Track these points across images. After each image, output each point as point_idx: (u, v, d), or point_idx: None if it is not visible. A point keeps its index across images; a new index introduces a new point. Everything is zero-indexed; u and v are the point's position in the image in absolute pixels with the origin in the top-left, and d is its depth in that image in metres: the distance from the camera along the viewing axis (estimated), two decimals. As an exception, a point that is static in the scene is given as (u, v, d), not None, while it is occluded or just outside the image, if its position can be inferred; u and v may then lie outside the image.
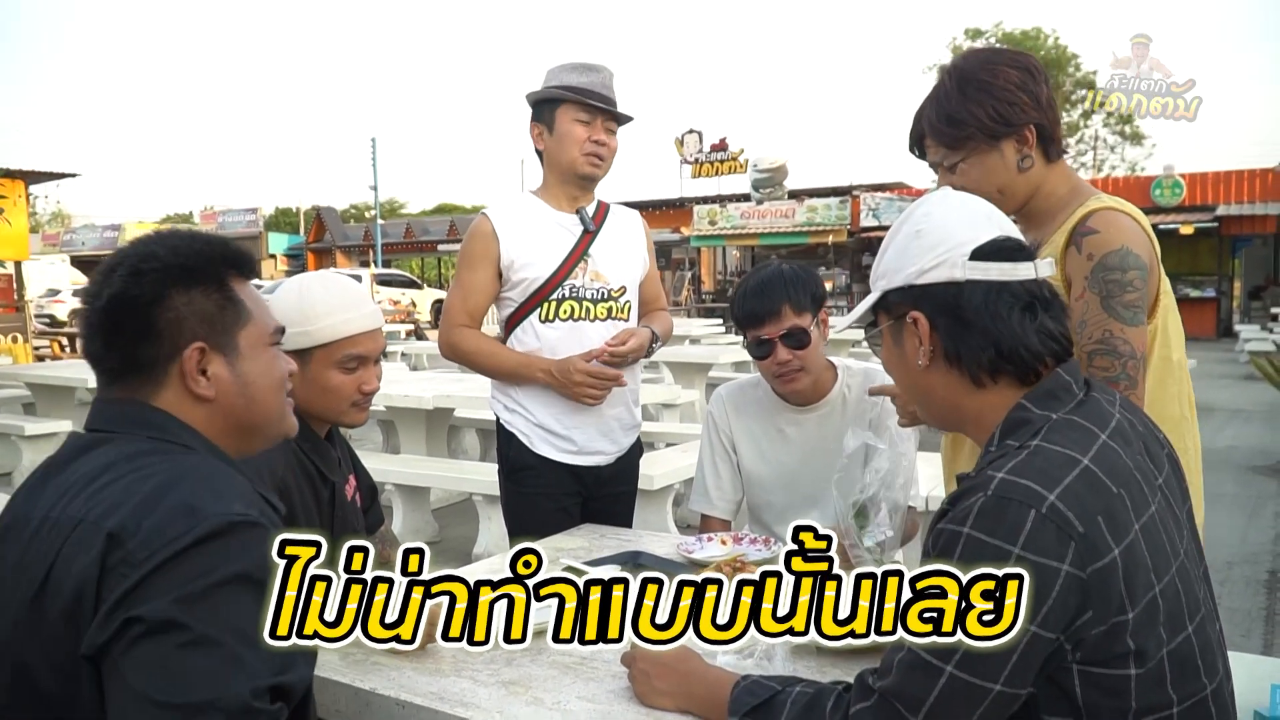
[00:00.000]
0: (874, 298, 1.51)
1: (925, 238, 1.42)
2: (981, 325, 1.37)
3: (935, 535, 1.28)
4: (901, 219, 1.51)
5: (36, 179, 17.74)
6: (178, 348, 1.35)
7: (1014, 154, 1.92)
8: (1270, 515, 6.64)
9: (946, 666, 1.22)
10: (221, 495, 1.23)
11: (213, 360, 1.37)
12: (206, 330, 1.37)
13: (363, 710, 1.68)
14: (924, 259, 1.41)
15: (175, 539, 1.15)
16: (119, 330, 1.34)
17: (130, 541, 1.16)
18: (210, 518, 1.18)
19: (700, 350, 11.02)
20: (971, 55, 2.00)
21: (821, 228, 29.01)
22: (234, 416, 1.41)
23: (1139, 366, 1.79)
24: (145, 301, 1.33)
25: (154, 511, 1.18)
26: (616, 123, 2.88)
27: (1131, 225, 1.85)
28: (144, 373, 1.35)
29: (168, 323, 1.34)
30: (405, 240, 41.30)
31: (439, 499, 7.05)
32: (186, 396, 1.37)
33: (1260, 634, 4.54)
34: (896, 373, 1.54)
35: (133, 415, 1.35)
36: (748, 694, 1.42)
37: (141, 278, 1.34)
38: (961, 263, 1.39)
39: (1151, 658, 1.23)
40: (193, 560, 1.15)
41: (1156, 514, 1.31)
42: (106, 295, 1.33)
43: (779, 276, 2.54)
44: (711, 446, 2.75)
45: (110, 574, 1.15)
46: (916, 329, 1.42)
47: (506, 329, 2.92)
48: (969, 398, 1.42)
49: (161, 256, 1.36)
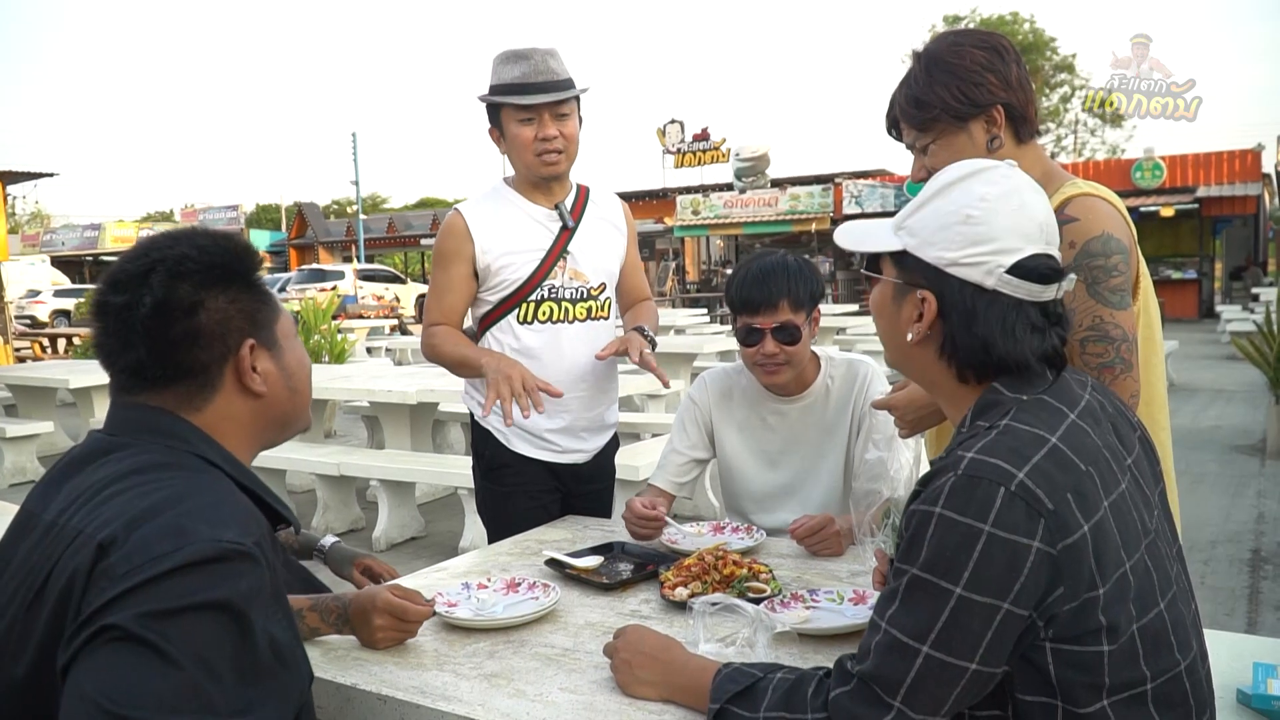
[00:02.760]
0: (894, 246, 1.42)
1: (972, 228, 1.34)
2: (989, 337, 1.34)
3: (909, 517, 1.29)
4: (955, 176, 1.40)
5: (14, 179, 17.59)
6: (229, 348, 1.34)
7: (983, 135, 1.91)
8: (1253, 494, 6.69)
9: (922, 647, 1.23)
10: (218, 521, 1.19)
11: (260, 356, 1.38)
12: (252, 327, 1.37)
13: (344, 706, 1.67)
14: (962, 251, 1.35)
15: (159, 558, 1.12)
16: (166, 337, 1.30)
17: (115, 554, 1.14)
18: (198, 542, 1.14)
19: (685, 340, 11.04)
20: (939, 37, 1.99)
21: (805, 216, 29.04)
22: (279, 409, 1.42)
23: (1132, 349, 1.80)
24: (192, 304, 1.31)
25: (144, 528, 1.15)
26: (567, 104, 2.71)
27: (1109, 209, 1.85)
28: (192, 378, 1.33)
29: (216, 324, 1.33)
30: (388, 235, 41.15)
31: (424, 494, 7.05)
32: (238, 395, 1.36)
33: (1244, 612, 4.57)
34: (882, 324, 1.49)
35: (153, 424, 1.32)
36: (729, 681, 1.42)
37: (183, 280, 1.31)
38: (997, 274, 1.33)
39: (1123, 633, 1.24)
40: (173, 582, 1.11)
41: (1126, 492, 1.32)
42: (150, 302, 1.29)
43: (783, 268, 2.51)
44: (682, 426, 2.74)
45: (92, 585, 1.13)
46: (923, 308, 1.39)
47: (481, 328, 2.85)
48: (945, 380, 1.42)
49: (197, 258, 1.33)
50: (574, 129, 2.75)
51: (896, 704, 1.25)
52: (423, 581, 2.23)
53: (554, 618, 1.96)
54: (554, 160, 2.72)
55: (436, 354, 2.81)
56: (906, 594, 1.26)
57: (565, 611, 1.99)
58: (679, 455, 2.72)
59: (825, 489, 2.62)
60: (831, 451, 2.62)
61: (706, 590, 1.99)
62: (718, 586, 2.01)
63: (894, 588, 1.28)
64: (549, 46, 2.72)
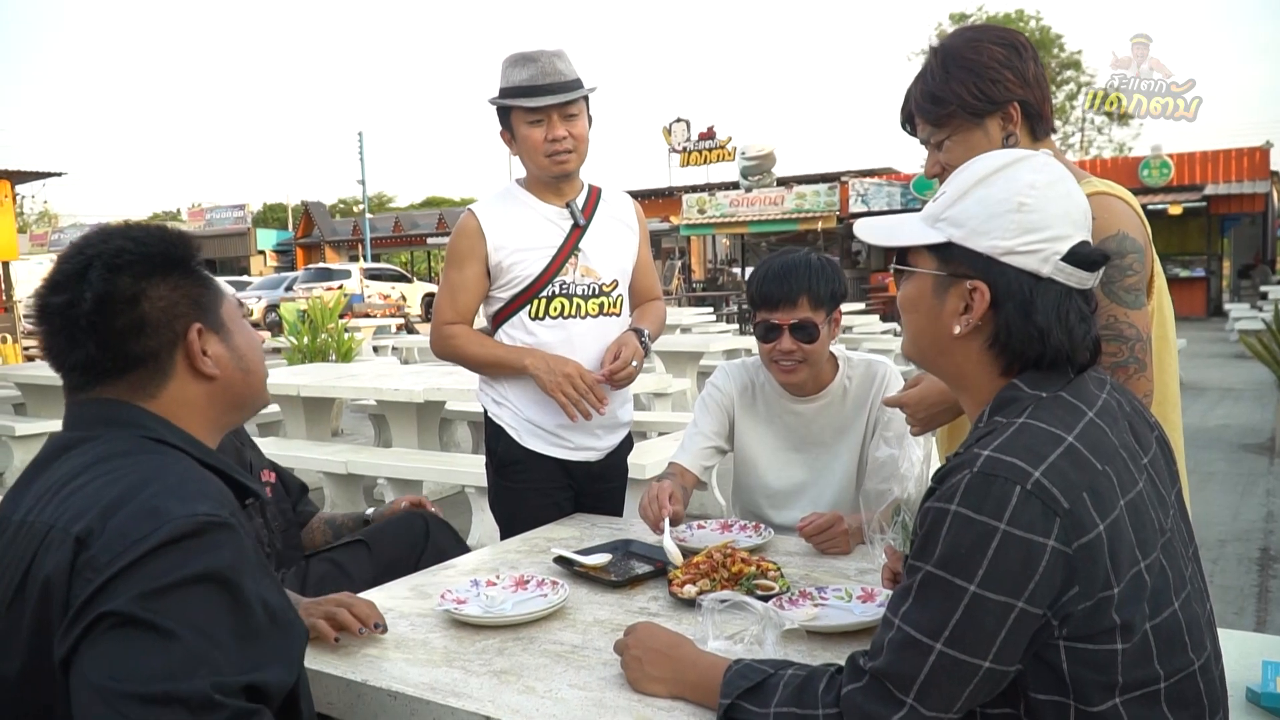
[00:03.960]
0: (936, 238, 1.39)
1: (1028, 215, 1.32)
2: (1045, 326, 1.33)
3: (924, 514, 1.28)
4: (995, 165, 1.38)
5: (23, 179, 17.64)
6: (177, 334, 1.37)
7: (999, 131, 1.90)
8: (1262, 493, 6.67)
9: (936, 644, 1.23)
10: (188, 497, 1.22)
11: (209, 339, 1.40)
12: (197, 312, 1.39)
13: (354, 702, 1.68)
14: (1019, 239, 1.32)
15: (139, 540, 1.15)
16: (111, 329, 1.32)
17: (95, 544, 1.16)
18: (175, 519, 1.17)
19: (691, 339, 11.03)
20: (957, 33, 1.99)
21: (810, 214, 28.99)
22: (233, 390, 1.44)
23: (1146, 349, 1.79)
24: (133, 295, 1.33)
25: (118, 514, 1.18)
26: (575, 104, 2.73)
27: (1124, 209, 1.84)
28: (143, 366, 1.35)
29: (161, 312, 1.35)
30: (394, 234, 41.21)
31: (431, 492, 7.05)
32: (191, 380, 1.39)
33: (1252, 611, 4.56)
34: (917, 319, 1.45)
35: (110, 415, 1.35)
36: (740, 677, 1.42)
37: (122, 272, 1.33)
38: (1054, 261, 1.32)
39: (1137, 632, 1.23)
40: (157, 561, 1.14)
41: (1142, 492, 1.31)
42: (91, 296, 1.31)
43: (805, 265, 2.51)
44: (705, 408, 2.74)
45: (77, 578, 1.15)
46: (972, 299, 1.36)
47: (494, 325, 2.87)
48: (981, 374, 1.40)
49: (133, 250, 1.35)
50: (583, 129, 2.76)
51: (909, 701, 1.25)
52: (431, 578, 2.23)
53: (563, 615, 1.96)
54: (564, 160, 2.73)
55: (460, 354, 2.82)
56: (920, 591, 1.25)
57: (574, 609, 1.99)
58: (703, 438, 2.72)
59: (838, 488, 2.62)
60: (846, 451, 2.62)
61: (715, 588, 1.98)
62: (726, 584, 2.01)
63: (908, 585, 1.28)
64: (556, 48, 2.73)
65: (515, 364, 2.74)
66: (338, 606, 1.83)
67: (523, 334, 2.80)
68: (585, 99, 2.77)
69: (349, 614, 1.81)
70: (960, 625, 1.21)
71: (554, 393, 2.66)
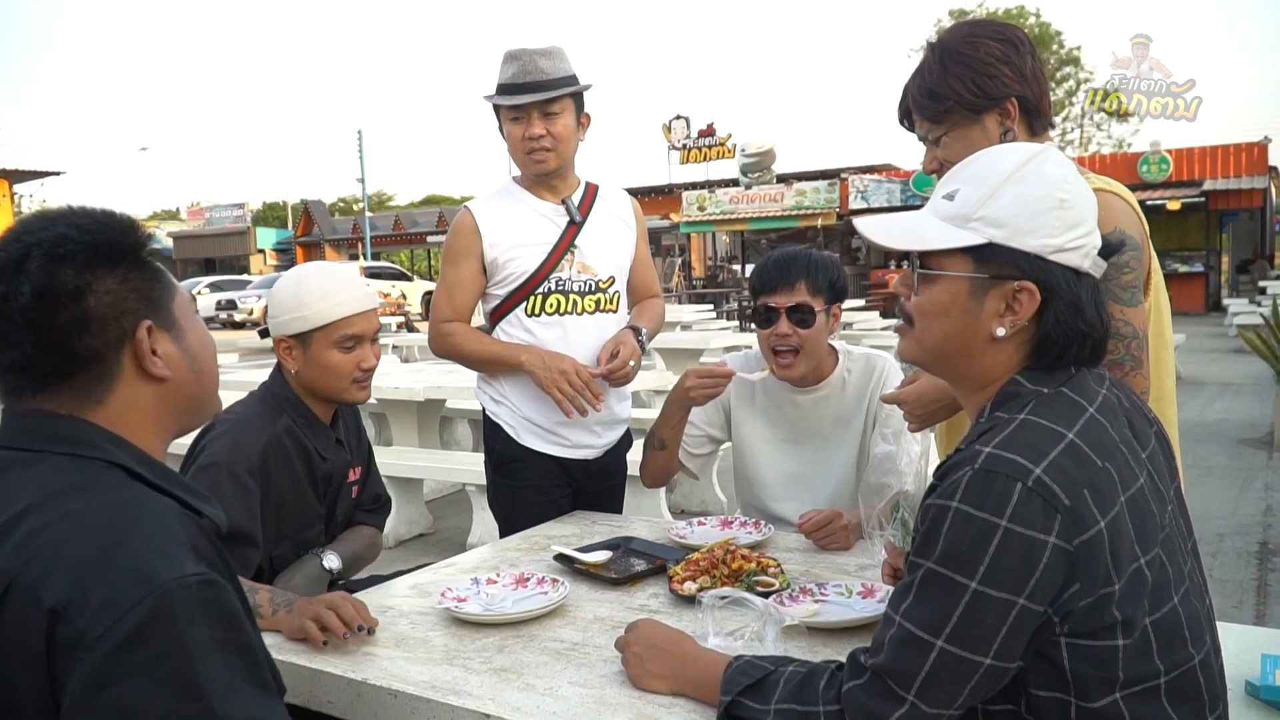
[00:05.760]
0: (973, 240, 1.34)
1: (1068, 211, 1.31)
2: (1093, 320, 1.34)
3: (925, 511, 1.28)
4: (1017, 160, 1.35)
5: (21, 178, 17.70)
6: (124, 331, 1.23)
7: (996, 127, 1.90)
8: (1260, 487, 6.68)
9: (937, 641, 1.23)
10: (169, 551, 1.11)
11: (159, 338, 1.27)
12: (147, 307, 1.25)
13: (354, 701, 1.68)
14: (1065, 236, 1.30)
15: (130, 611, 1.05)
16: (51, 327, 1.18)
17: (79, 619, 1.04)
18: (165, 584, 1.07)
19: (691, 336, 11.04)
20: (955, 28, 1.99)
21: (810, 211, 28.99)
22: (185, 392, 1.31)
23: (1142, 346, 1.79)
24: (77, 289, 1.19)
25: (100, 580, 1.06)
26: (557, 103, 2.70)
27: (1121, 205, 1.85)
28: (87, 368, 1.22)
29: (107, 307, 1.21)
30: (394, 232, 41.20)
31: (432, 490, 7.05)
32: (140, 382, 1.26)
33: (1251, 605, 4.56)
34: (946, 323, 1.38)
35: (52, 431, 1.21)
36: (740, 674, 1.42)
37: (64, 264, 1.18)
38: (1093, 255, 1.33)
39: (1137, 628, 1.23)
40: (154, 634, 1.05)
41: (1143, 487, 1.31)
42: (30, 290, 1.17)
43: (805, 256, 2.58)
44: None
45: (64, 655, 1.04)
46: (1017, 300, 1.32)
47: (491, 322, 2.88)
48: (1000, 371, 1.38)
49: (77, 238, 1.21)
50: (564, 128, 2.74)
51: (910, 698, 1.25)
52: (431, 577, 2.24)
53: (563, 612, 1.96)
54: (542, 159, 2.74)
55: (457, 352, 2.83)
56: (921, 588, 1.25)
57: (574, 606, 2.00)
58: (694, 428, 2.75)
59: (836, 481, 2.63)
60: (844, 444, 2.63)
61: (715, 584, 1.99)
62: (726, 581, 2.02)
63: (909, 581, 1.28)
64: (547, 46, 2.72)
65: (511, 360, 2.75)
66: (326, 609, 1.82)
67: (520, 331, 2.81)
68: (573, 97, 2.75)
69: (335, 617, 1.80)
70: (961, 622, 1.21)
71: (550, 389, 2.67)
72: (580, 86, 2.75)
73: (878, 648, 1.30)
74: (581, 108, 2.81)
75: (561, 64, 2.72)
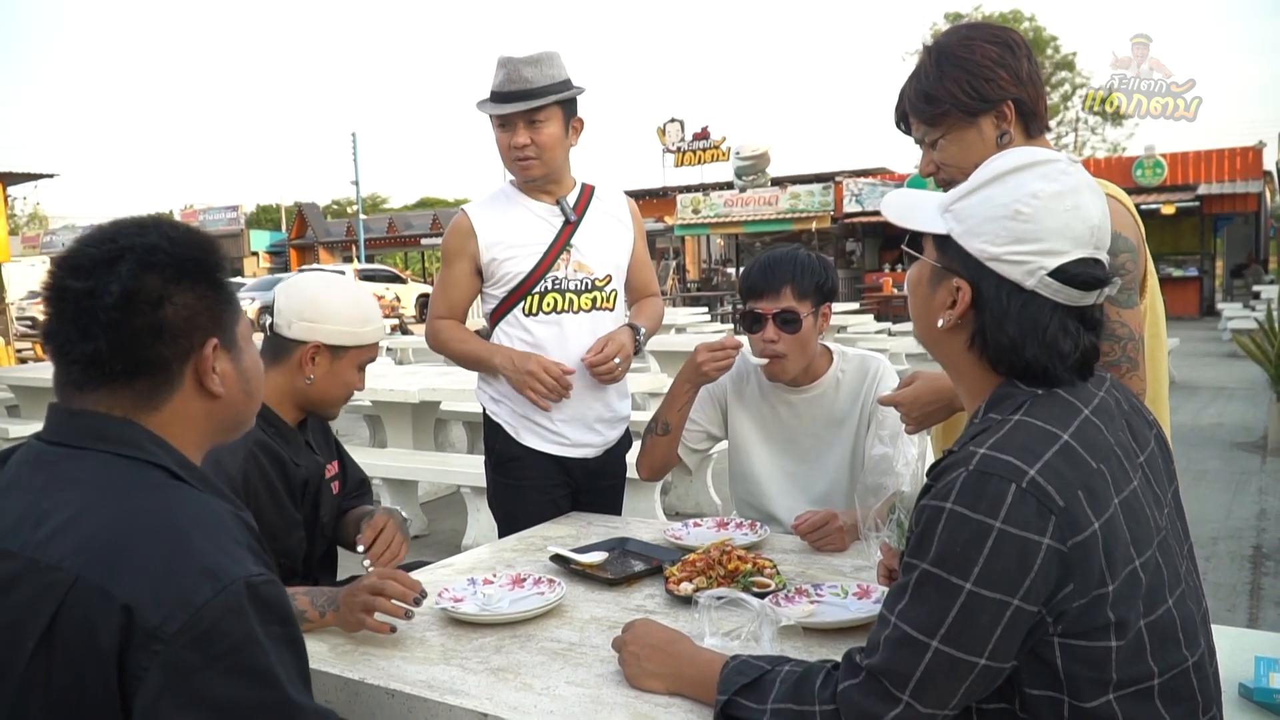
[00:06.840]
0: (939, 229, 1.38)
1: (1020, 224, 1.30)
2: (1021, 338, 1.31)
3: (919, 512, 1.29)
4: (1011, 164, 1.35)
5: (14, 180, 17.61)
6: (192, 345, 1.29)
7: (993, 130, 1.91)
8: (1254, 491, 6.69)
9: (932, 641, 1.23)
10: (232, 551, 1.17)
11: (221, 357, 1.33)
12: (216, 327, 1.31)
13: (352, 700, 1.68)
14: (1006, 247, 1.30)
15: (204, 606, 1.10)
16: (129, 328, 1.23)
17: (154, 615, 1.09)
18: (234, 581, 1.13)
19: (686, 339, 11.06)
20: (951, 31, 1.99)
21: (805, 214, 29.03)
22: (232, 411, 1.37)
23: (1138, 348, 1.80)
24: (159, 297, 1.24)
25: (170, 578, 1.12)
26: (542, 111, 2.71)
27: (1117, 208, 1.85)
28: (152, 374, 1.27)
29: (182, 320, 1.26)
30: (388, 235, 41.17)
31: (427, 492, 7.05)
32: (196, 395, 1.31)
33: (1245, 608, 4.57)
34: (915, 303, 1.46)
35: (101, 430, 1.26)
36: (737, 673, 1.43)
37: (152, 271, 1.24)
38: (1039, 275, 1.29)
39: (1131, 629, 1.24)
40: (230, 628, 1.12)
41: (1137, 490, 1.32)
42: (117, 291, 1.22)
43: (791, 258, 2.58)
44: (698, 398, 2.75)
45: (138, 650, 1.09)
46: (956, 295, 1.36)
47: (491, 323, 2.91)
48: (970, 369, 1.41)
49: (169, 250, 1.27)
50: (549, 136, 2.74)
51: (905, 698, 1.25)
52: (428, 577, 2.23)
53: (559, 613, 1.97)
54: (527, 166, 2.77)
55: (445, 348, 2.92)
56: (916, 589, 1.26)
57: (571, 606, 2.00)
58: (693, 424, 2.78)
59: (830, 480, 2.64)
60: (838, 444, 2.64)
61: (711, 585, 1.99)
62: (722, 581, 2.02)
63: (904, 582, 1.28)
64: (537, 53, 2.71)
65: (487, 362, 2.82)
66: (373, 595, 1.81)
67: (518, 330, 2.83)
68: (561, 105, 2.74)
69: (387, 601, 1.80)
70: (956, 623, 1.22)
71: (522, 390, 2.73)
72: (568, 93, 2.75)
73: (873, 648, 1.30)
74: (572, 114, 2.81)
75: (550, 70, 2.71)
